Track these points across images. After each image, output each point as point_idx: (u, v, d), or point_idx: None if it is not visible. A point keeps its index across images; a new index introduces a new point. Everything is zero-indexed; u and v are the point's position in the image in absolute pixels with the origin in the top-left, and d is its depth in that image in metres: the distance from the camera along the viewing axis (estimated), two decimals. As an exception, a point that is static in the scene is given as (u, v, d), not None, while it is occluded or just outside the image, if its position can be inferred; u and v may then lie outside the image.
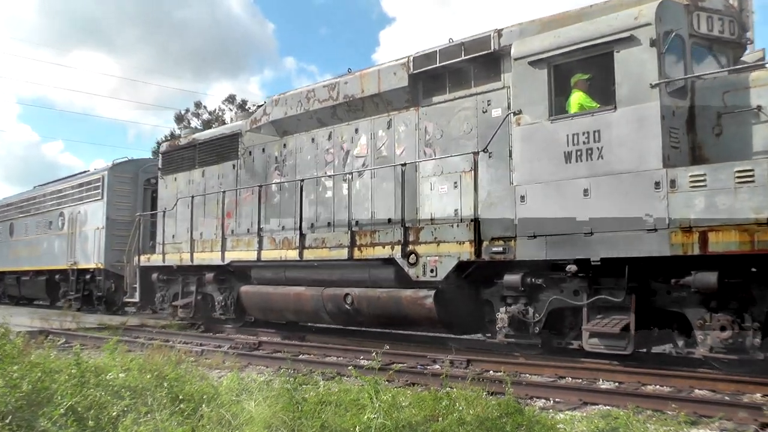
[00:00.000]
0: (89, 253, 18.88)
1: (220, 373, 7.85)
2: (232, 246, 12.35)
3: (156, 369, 6.00)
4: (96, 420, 4.76)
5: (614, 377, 7.61)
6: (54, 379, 5.39)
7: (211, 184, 14.01)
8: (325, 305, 10.42)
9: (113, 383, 5.51)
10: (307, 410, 4.93)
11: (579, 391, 6.91)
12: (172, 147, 15.60)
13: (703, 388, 6.95)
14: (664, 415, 5.65)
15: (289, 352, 9.87)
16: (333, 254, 10.34)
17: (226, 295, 13.05)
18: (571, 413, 5.96)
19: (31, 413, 4.81)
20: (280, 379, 5.92)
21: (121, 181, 18.68)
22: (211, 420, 4.84)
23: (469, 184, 9.34)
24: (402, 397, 5.36)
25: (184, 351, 8.54)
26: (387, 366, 7.33)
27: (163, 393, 5.34)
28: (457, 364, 8.53)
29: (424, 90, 10.13)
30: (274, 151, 12.44)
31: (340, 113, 11.13)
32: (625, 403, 6.08)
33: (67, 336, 11.90)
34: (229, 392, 5.67)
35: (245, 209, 12.91)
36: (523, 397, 6.61)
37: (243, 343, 11.02)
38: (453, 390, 5.66)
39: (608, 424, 5.23)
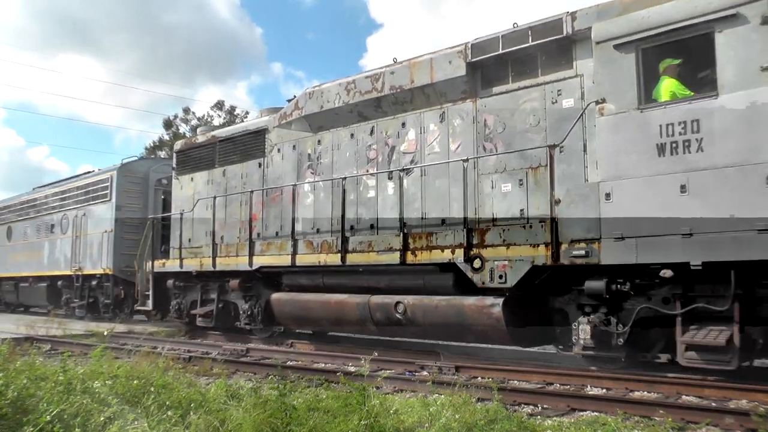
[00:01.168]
0: (96, 258, 17.69)
1: (208, 380, 7.78)
2: (261, 250, 11.27)
3: (143, 376, 5.95)
4: (82, 427, 4.72)
5: (602, 383, 7.48)
6: (40, 386, 5.35)
7: (233, 184, 12.93)
8: (372, 314, 9.37)
9: (100, 390, 5.43)
10: (295, 417, 4.93)
11: (567, 397, 6.76)
12: (188, 145, 14.49)
13: (690, 395, 6.87)
14: (652, 422, 5.67)
15: (277, 359, 9.90)
16: (381, 258, 9.31)
17: (252, 303, 11.97)
18: (559, 419, 5.89)
19: (17, 421, 4.73)
20: (268, 386, 5.96)
21: (131, 181, 17.52)
22: (198, 427, 4.78)
23: (538, 181, 8.42)
24: (390, 404, 5.38)
25: (172, 358, 8.39)
26: (375, 372, 7.60)
27: (151, 400, 5.30)
28: (445, 370, 8.33)
29: (483, 80, 9.18)
30: (306, 148, 11.39)
31: (384, 106, 10.11)
32: (613, 410, 6.02)
33: (54, 343, 11.84)
34: (217, 399, 5.68)
35: (273, 211, 11.84)
36: (511, 403, 6.52)
37: (231, 349, 10.92)
38: (441, 396, 5.75)
39: (596, 430, 5.21)
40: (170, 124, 43.84)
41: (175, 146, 15.18)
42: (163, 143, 41.66)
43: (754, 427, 5.38)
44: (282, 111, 11.97)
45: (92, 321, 17.35)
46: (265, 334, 12.06)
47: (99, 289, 18.06)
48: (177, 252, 14.06)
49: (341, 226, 10.00)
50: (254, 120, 12.90)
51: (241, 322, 12.30)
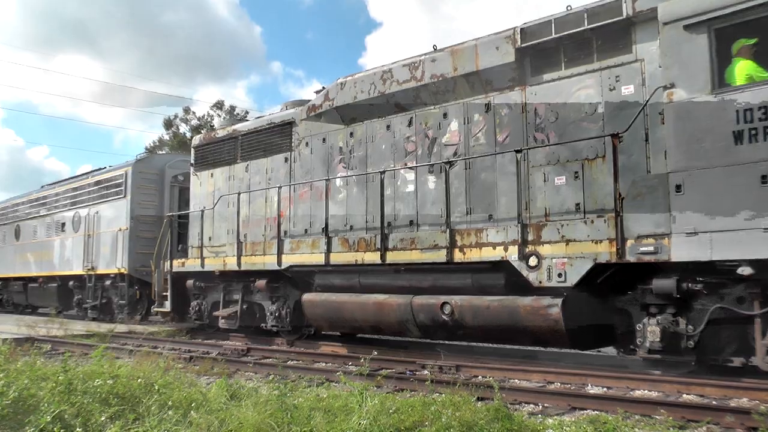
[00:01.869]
0: (110, 257, 17.16)
1: (208, 380, 7.84)
2: (291, 249, 10.75)
3: (144, 376, 5.97)
4: (83, 427, 4.73)
5: (603, 382, 7.44)
6: (41, 387, 5.37)
7: (257, 180, 12.41)
8: (414, 316, 8.85)
9: (101, 390, 5.46)
10: (296, 416, 4.94)
11: (568, 396, 6.73)
12: (208, 140, 13.96)
13: (691, 393, 6.82)
14: (653, 420, 5.67)
15: (278, 358, 9.94)
16: (426, 257, 8.79)
17: (279, 304, 11.47)
18: (560, 418, 5.86)
19: (18, 421, 4.76)
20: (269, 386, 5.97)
21: (146, 177, 16.98)
22: (199, 426, 4.78)
23: (595, 173, 7.89)
24: (390, 403, 5.38)
25: (173, 357, 8.44)
26: (376, 372, 7.71)
27: (152, 400, 5.32)
28: (446, 369, 8.33)
29: (533, 66, 8.67)
30: (338, 141, 10.86)
31: (424, 96, 9.59)
32: (614, 408, 6.01)
33: (54, 343, 11.84)
34: (217, 399, 5.66)
35: (302, 207, 11.31)
36: (512, 402, 6.52)
37: (231, 349, 10.93)
38: (441, 395, 5.75)
39: (597, 429, 5.18)
40: (170, 124, 43.84)
41: (193, 141, 14.65)
42: (163, 143, 41.67)
43: (755, 425, 5.30)
44: (310, 103, 11.44)
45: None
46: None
47: (113, 289, 17.52)
48: (196, 251, 13.58)
49: (380, 222, 9.46)
50: (279, 113, 12.35)
51: (267, 323, 11.78)
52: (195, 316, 13.60)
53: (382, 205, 9.52)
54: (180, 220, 15.26)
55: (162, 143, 42.09)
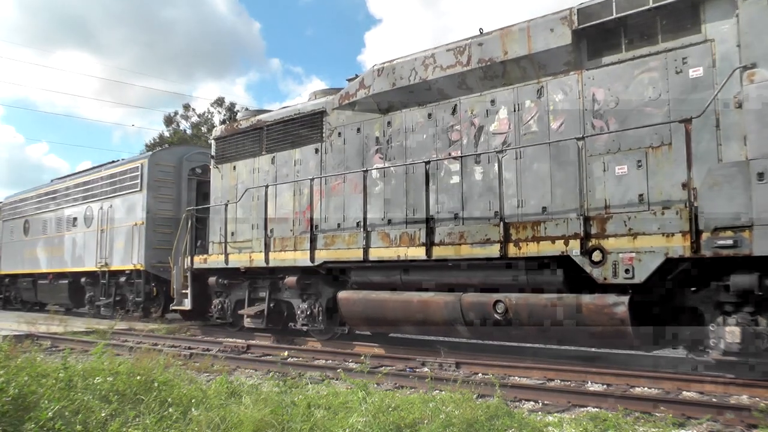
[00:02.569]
0: (124, 253, 16.73)
1: (209, 377, 7.91)
2: (326, 244, 10.30)
3: (144, 373, 5.96)
4: (84, 424, 4.74)
5: (603, 379, 7.45)
6: (41, 384, 5.38)
7: (284, 172, 11.97)
8: (464, 315, 8.41)
9: (101, 387, 5.49)
10: (296, 413, 4.97)
11: (568, 393, 6.75)
12: (230, 131, 13.51)
13: (690, 390, 6.85)
14: (653, 417, 5.69)
15: (277, 355, 10.07)
16: (476, 252, 8.35)
17: (311, 302, 11.03)
18: (560, 415, 5.91)
19: (18, 417, 4.78)
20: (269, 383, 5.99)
21: (163, 170, 16.55)
22: (199, 423, 4.79)
23: (660, 161, 7.47)
24: (390, 400, 5.40)
25: (173, 354, 8.42)
26: (376, 369, 7.92)
27: (152, 397, 5.34)
28: (446, 366, 8.36)
29: (591, 49, 8.23)
30: (374, 131, 10.41)
31: (470, 82, 9.14)
32: (614, 405, 6.05)
33: (54, 340, 11.96)
34: (217, 396, 5.72)
35: (334, 200, 10.88)
36: (512, 399, 6.58)
37: (231, 346, 10.97)
38: (442, 392, 5.82)
39: (597, 426, 5.20)
40: (171, 121, 44.24)
41: (213, 133, 14.21)
42: (163, 140, 41.63)
43: (754, 422, 5.32)
44: (343, 91, 10.99)
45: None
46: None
47: (128, 286, 17.08)
48: (218, 247, 13.19)
49: (425, 216, 9.01)
50: (308, 102, 11.91)
51: (297, 322, 11.36)
52: (217, 315, 13.18)
53: (427, 197, 9.07)
54: (198, 214, 14.82)
55: (162, 140, 42.03)
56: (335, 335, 11.12)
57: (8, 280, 24.02)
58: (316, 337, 11.28)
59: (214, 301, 13.25)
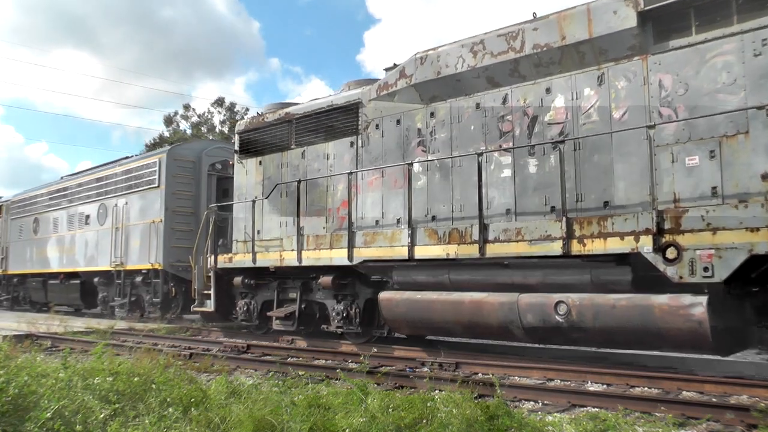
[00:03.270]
0: (141, 252, 16.45)
1: (208, 377, 8.04)
2: (365, 242, 9.93)
3: (144, 373, 6.09)
4: (83, 424, 4.83)
5: (603, 379, 7.53)
6: (41, 383, 5.46)
7: (315, 166, 11.61)
8: (521, 317, 8.03)
9: (101, 387, 5.57)
10: (295, 413, 5.03)
11: (568, 393, 6.84)
12: (255, 125, 13.15)
13: (690, 390, 6.91)
14: (653, 417, 5.76)
15: (277, 355, 10.26)
16: (535, 249, 7.99)
17: (347, 303, 10.66)
18: (560, 415, 5.99)
19: (18, 417, 4.85)
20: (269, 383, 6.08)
21: (182, 165, 16.24)
22: (199, 424, 4.88)
23: (736, 151, 7.11)
24: (390, 400, 5.46)
25: (173, 354, 8.59)
26: (375, 369, 8.08)
27: (152, 397, 5.44)
28: (445, 366, 8.42)
29: (657, 32, 7.85)
30: (415, 123, 10.04)
31: (523, 69, 8.77)
32: (614, 405, 6.16)
33: (54, 340, 12.14)
34: (217, 396, 5.77)
35: (372, 196, 10.53)
36: (512, 399, 6.68)
37: (231, 346, 11.10)
38: (441, 392, 5.89)
39: (597, 426, 5.25)
40: (171, 121, 45.08)
41: (237, 126, 13.84)
42: (163, 140, 41.93)
43: (754, 422, 5.36)
44: (381, 81, 10.64)
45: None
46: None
47: (144, 286, 16.76)
48: (242, 245, 12.87)
49: (478, 211, 8.63)
50: (342, 93, 11.54)
51: (331, 324, 10.99)
52: (242, 317, 12.81)
53: (480, 192, 8.70)
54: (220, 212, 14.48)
55: (162, 140, 42.40)
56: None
57: (16, 280, 23.76)
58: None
59: (239, 302, 12.90)
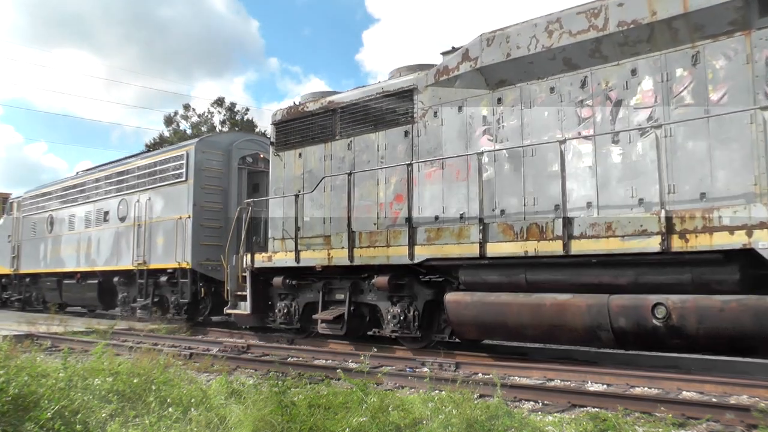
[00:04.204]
0: (166, 250, 16.03)
1: (209, 377, 8.29)
2: (428, 238, 9.50)
3: (144, 373, 6.20)
4: (84, 424, 4.95)
5: (603, 379, 7.77)
6: (41, 383, 5.56)
7: (364, 158, 11.21)
8: (611, 320, 7.58)
9: (101, 387, 5.70)
10: (295, 413, 5.13)
11: (568, 393, 7.02)
12: (294, 115, 12.75)
13: (690, 390, 7.10)
14: (653, 417, 5.88)
15: (277, 355, 10.65)
16: (629, 246, 7.55)
17: (403, 305, 10.22)
18: (560, 415, 6.13)
19: (18, 417, 4.94)
20: (269, 383, 6.19)
21: (210, 158, 15.79)
22: (199, 424, 4.98)
23: None
24: (390, 400, 5.61)
25: (173, 354, 8.81)
26: (376, 369, 8.39)
27: (152, 397, 5.55)
28: (446, 366, 8.75)
29: (763, 5, 7.29)
30: (480, 110, 9.60)
31: (606, 49, 8.32)
32: (614, 405, 6.30)
33: (54, 340, 12.45)
34: (217, 396, 5.93)
35: (430, 189, 10.12)
36: (512, 399, 6.88)
37: (231, 346, 11.47)
38: (441, 392, 6.04)
39: (597, 426, 5.35)
40: (171, 121, 46.30)
41: (273, 117, 13.38)
42: (163, 140, 43.01)
43: (754, 422, 5.45)
44: (440, 65, 10.21)
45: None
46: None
47: (169, 286, 16.31)
48: (280, 243, 12.52)
49: (562, 204, 8.16)
50: (393, 80, 11.09)
51: (385, 329, 10.56)
52: (282, 320, 12.37)
53: (563, 182, 8.21)
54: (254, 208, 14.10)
55: (162, 140, 43.10)
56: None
57: (29, 280, 23.40)
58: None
59: (279, 304, 12.49)
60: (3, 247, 24.90)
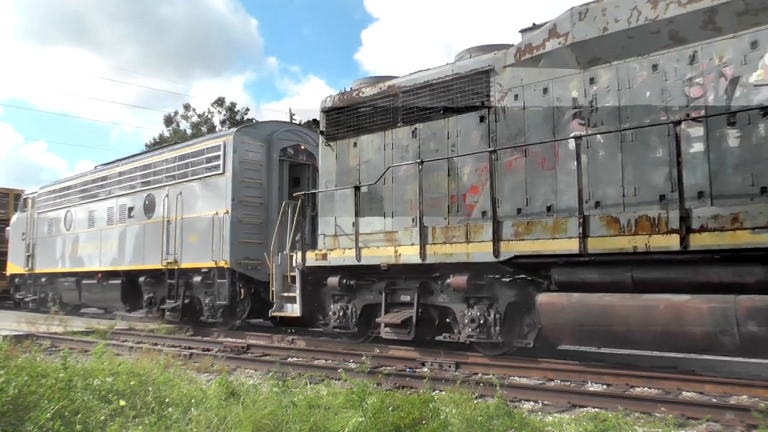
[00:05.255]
0: (201, 248, 15.72)
1: (208, 377, 8.62)
2: (516, 233, 9.08)
3: (144, 373, 6.44)
4: (83, 424, 5.13)
5: (603, 379, 8.14)
6: (41, 384, 5.71)
7: (431, 147, 10.88)
8: (738, 324, 7.12)
9: (101, 387, 5.87)
10: (296, 413, 5.38)
11: (567, 393, 7.36)
12: (347, 101, 12.44)
13: (690, 390, 7.41)
14: (652, 417, 6.16)
15: (277, 355, 11.21)
16: (760, 239, 7.06)
17: (482, 308, 9.82)
18: (560, 416, 6.38)
19: (18, 418, 5.14)
20: (268, 383, 6.48)
21: (250, 149, 15.46)
22: (199, 424, 5.15)
23: None
24: (390, 400, 5.78)
25: (173, 354, 9.21)
26: (376, 369, 8.80)
27: (151, 397, 5.76)
28: (445, 366, 9.17)
29: None
30: (569, 91, 9.23)
31: (721, 19, 7.94)
32: (614, 406, 6.57)
33: (54, 340, 12.98)
34: (217, 396, 6.05)
35: (510, 180, 9.76)
36: (512, 399, 7.12)
37: (231, 346, 12.08)
38: (441, 393, 6.54)
39: (597, 426, 5.58)
40: (171, 121, 49.19)
41: (322, 103, 13.00)
42: (164, 139, 44.64)
43: (754, 422, 5.65)
44: (521, 44, 9.86)
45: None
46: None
47: (203, 287, 15.94)
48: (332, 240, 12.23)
49: (678, 193, 7.73)
50: (464, 61, 10.67)
51: (459, 334, 10.17)
52: (336, 323, 12.01)
53: (680, 169, 7.75)
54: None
55: (162, 140, 44.28)
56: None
57: (44, 280, 23.19)
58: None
59: (332, 306, 12.13)
60: (16, 245, 24.76)
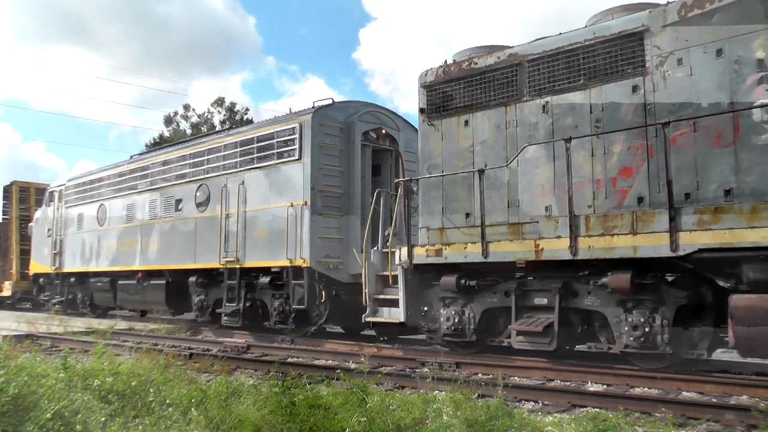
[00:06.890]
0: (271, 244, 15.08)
1: (209, 377, 9.09)
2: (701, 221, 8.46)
3: (144, 373, 6.95)
4: (83, 424, 5.42)
5: (603, 380, 8.64)
6: (41, 384, 6.07)
7: (568, 122, 10.32)
8: None
9: (101, 387, 6.26)
10: (295, 414, 5.78)
11: (568, 393, 7.81)
12: (454, 73, 11.86)
13: (690, 390, 7.88)
14: (653, 418, 6.59)
15: (277, 355, 12.04)
16: None
17: (645, 313, 9.13)
18: (560, 416, 6.82)
19: (18, 418, 5.41)
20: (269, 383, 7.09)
21: (329, 133, 14.79)
22: (199, 424, 5.49)
23: None
24: (390, 400, 6.34)
25: (173, 355, 9.65)
26: (376, 369, 9.45)
27: (151, 397, 6.16)
28: (446, 367, 9.65)
29: None
30: (752, 51, 8.64)
31: None
32: (614, 406, 7.02)
33: (54, 340, 13.79)
34: (217, 396, 6.48)
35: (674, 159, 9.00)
36: (512, 399, 7.59)
37: (231, 346, 12.91)
38: (442, 393, 7.00)
39: (597, 426, 5.92)
40: (171, 121, 52.29)
41: (422, 78, 12.34)
42: (163, 139, 46.98)
43: (754, 422, 5.93)
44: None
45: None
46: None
47: (271, 289, 15.32)
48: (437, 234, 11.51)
49: None
50: (608, 22, 9.98)
51: (617, 343, 9.45)
52: (449, 330, 11.36)
53: None
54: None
55: (162, 140, 45.91)
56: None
57: (74, 280, 22.77)
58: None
59: (443, 311, 11.48)
60: (41, 243, 24.36)
